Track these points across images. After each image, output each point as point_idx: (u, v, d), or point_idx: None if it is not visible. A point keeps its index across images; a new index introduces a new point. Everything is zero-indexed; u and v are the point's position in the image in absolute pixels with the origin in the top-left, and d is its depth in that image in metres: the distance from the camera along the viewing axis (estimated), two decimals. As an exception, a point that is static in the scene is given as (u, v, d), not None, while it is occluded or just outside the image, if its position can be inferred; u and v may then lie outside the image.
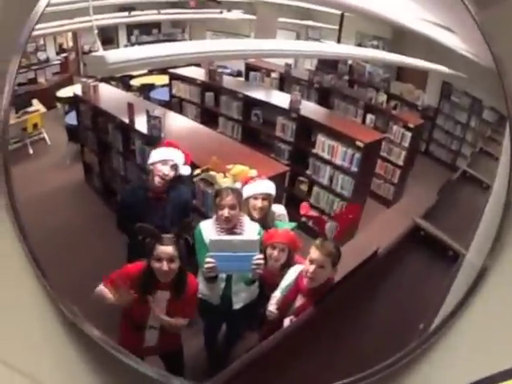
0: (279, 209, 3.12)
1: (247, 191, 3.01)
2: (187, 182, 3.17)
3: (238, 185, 2.90)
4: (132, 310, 2.66)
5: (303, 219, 3.29)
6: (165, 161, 3.03)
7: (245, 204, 2.99)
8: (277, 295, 2.86)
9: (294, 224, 2.98)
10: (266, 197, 3.02)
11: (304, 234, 3.05)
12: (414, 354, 1.96)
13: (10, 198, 1.78)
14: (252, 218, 2.98)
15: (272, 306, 2.82)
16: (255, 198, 3.00)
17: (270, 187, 3.07)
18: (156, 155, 3.07)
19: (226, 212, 2.79)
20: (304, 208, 3.15)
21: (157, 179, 3.01)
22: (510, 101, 1.79)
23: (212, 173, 2.93)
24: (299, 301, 2.79)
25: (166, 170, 3.01)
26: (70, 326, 2.01)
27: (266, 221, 3.03)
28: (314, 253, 2.67)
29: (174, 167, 3.04)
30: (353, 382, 2.05)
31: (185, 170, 3.09)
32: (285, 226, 2.97)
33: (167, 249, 2.55)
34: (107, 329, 2.22)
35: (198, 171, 3.03)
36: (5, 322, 1.70)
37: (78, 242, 3.16)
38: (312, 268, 2.66)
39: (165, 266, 2.56)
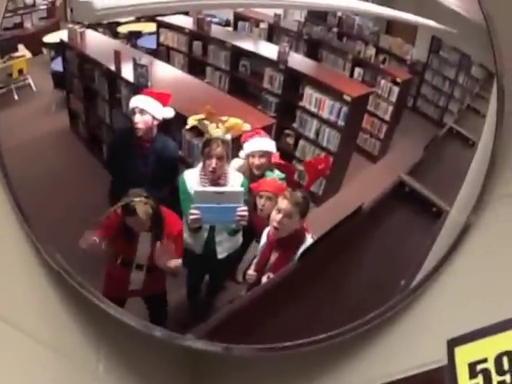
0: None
1: (246, 149, 3.06)
2: (174, 129, 3.17)
3: (228, 136, 2.90)
4: (120, 247, 2.77)
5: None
6: (132, 110, 3.05)
7: (246, 161, 3.07)
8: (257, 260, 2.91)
9: (283, 175, 3.01)
10: (264, 154, 3.03)
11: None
12: (397, 308, 2.00)
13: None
14: (253, 175, 3.03)
15: (251, 270, 2.87)
16: (253, 155, 3.02)
17: (267, 145, 3.10)
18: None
19: (213, 162, 2.81)
20: (275, 157, 3.16)
21: (135, 130, 3.04)
22: (499, 59, 1.80)
23: (206, 122, 2.92)
24: (273, 256, 2.83)
25: (136, 118, 3.03)
26: (54, 275, 2.02)
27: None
28: (282, 202, 2.71)
29: (145, 112, 3.03)
30: (335, 335, 2.08)
31: (166, 112, 3.09)
32: (273, 175, 2.99)
33: (135, 219, 2.67)
34: (91, 279, 2.23)
35: (192, 120, 3.02)
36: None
37: (63, 189, 3.15)
38: (279, 217, 2.70)
39: (136, 228, 2.72)
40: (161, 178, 3.10)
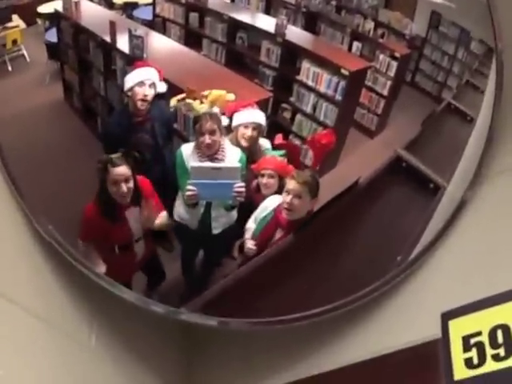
0: (264, 142, 3.10)
1: (238, 119, 3.01)
2: (166, 97, 3.15)
3: (216, 109, 2.88)
4: (114, 237, 2.73)
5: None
6: (141, 82, 3.00)
7: (234, 132, 3.01)
8: (251, 227, 2.87)
9: (281, 152, 2.99)
10: (257, 127, 3.01)
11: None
12: (393, 283, 1.99)
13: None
14: (240, 147, 2.97)
15: (250, 243, 2.84)
16: (246, 126, 2.99)
17: (260, 117, 3.05)
18: (131, 79, 3.04)
19: (206, 138, 2.79)
20: (278, 138, 3.14)
21: (139, 103, 2.99)
22: (499, 35, 1.78)
23: (188, 101, 2.91)
24: (277, 234, 2.81)
25: (146, 91, 2.98)
26: (46, 246, 2.00)
27: (253, 152, 3.04)
28: (290, 183, 2.69)
29: (153, 86, 3.02)
30: (332, 309, 2.07)
31: (161, 87, 3.07)
32: (272, 152, 2.97)
33: (121, 169, 2.56)
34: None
35: (173, 101, 3.02)
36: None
37: (56, 161, 3.14)
38: (289, 198, 2.67)
39: (123, 187, 2.56)
40: (164, 140, 3.13)
